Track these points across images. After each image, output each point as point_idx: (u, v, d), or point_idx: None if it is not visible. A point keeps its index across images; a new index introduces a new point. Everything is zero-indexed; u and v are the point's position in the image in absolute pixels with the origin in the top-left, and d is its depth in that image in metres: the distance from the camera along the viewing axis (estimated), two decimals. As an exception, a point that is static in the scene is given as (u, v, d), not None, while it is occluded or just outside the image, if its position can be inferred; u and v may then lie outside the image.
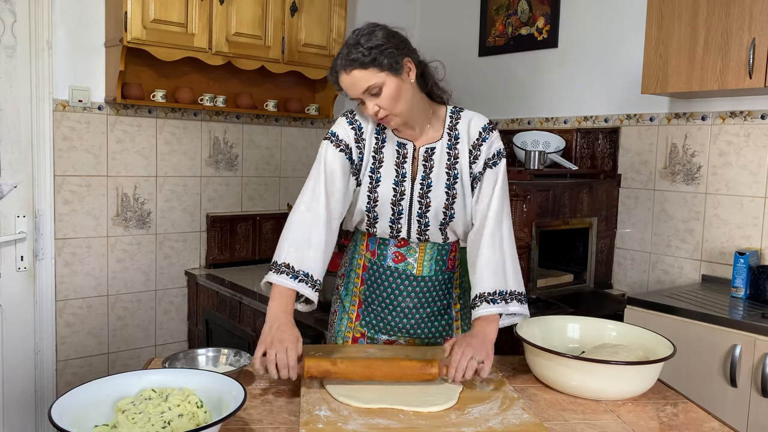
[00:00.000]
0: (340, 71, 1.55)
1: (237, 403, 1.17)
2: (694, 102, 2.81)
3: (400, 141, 1.69)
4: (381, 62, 1.52)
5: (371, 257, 1.76)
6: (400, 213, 1.68)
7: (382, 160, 1.68)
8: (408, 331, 1.77)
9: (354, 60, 1.52)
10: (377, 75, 1.53)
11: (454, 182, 1.67)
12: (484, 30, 3.67)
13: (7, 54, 2.71)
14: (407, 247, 1.72)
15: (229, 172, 3.39)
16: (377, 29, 1.56)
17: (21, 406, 2.86)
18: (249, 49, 3.05)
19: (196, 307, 3.26)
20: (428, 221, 1.68)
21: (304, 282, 1.57)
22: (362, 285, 1.79)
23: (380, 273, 1.75)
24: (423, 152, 1.68)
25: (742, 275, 2.48)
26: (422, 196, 1.67)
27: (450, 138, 1.68)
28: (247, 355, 1.56)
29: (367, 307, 1.79)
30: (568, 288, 2.92)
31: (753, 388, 2.14)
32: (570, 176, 3.01)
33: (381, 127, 1.70)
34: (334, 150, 1.67)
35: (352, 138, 1.68)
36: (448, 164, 1.67)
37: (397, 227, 1.70)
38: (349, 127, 1.69)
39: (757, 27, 2.30)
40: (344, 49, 1.55)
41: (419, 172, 1.68)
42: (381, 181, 1.67)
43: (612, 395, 1.45)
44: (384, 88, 1.54)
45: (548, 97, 3.37)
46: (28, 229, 2.82)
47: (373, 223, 1.71)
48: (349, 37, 1.57)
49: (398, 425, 1.26)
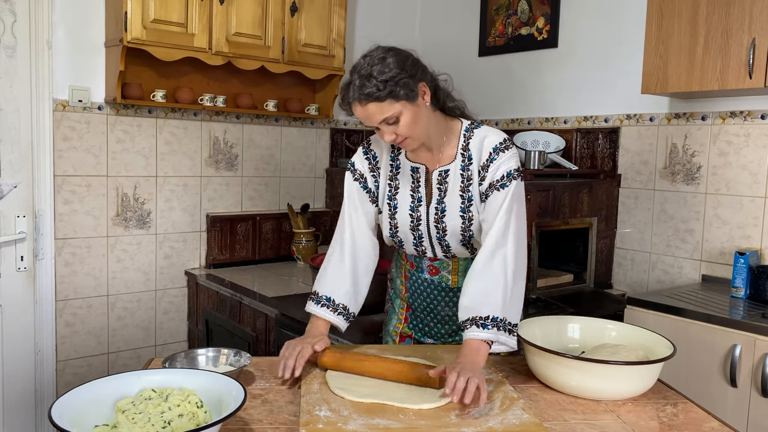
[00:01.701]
0: (353, 102, 1.53)
1: (237, 403, 1.17)
2: (694, 102, 2.81)
3: (413, 166, 1.69)
4: (397, 94, 1.50)
5: (410, 268, 1.81)
6: (421, 237, 1.71)
7: (398, 186, 1.71)
8: (452, 337, 1.81)
9: (369, 95, 1.49)
10: (393, 106, 1.51)
11: (468, 205, 1.65)
12: (484, 30, 3.67)
13: (7, 54, 2.71)
14: (440, 261, 1.75)
15: (229, 172, 3.39)
16: (388, 56, 1.52)
17: (21, 406, 2.86)
18: (249, 49, 3.05)
19: (196, 307, 3.26)
20: (448, 243, 1.69)
21: (326, 306, 1.67)
22: (406, 292, 1.85)
23: (419, 284, 1.80)
24: (437, 176, 1.67)
25: (742, 275, 2.48)
26: (438, 221, 1.67)
27: (463, 158, 1.65)
28: (247, 355, 1.56)
29: (413, 312, 1.86)
30: (568, 288, 2.92)
31: (753, 388, 2.14)
32: (570, 176, 3.01)
33: (395, 153, 1.72)
34: (351, 179, 1.75)
35: (367, 167, 1.73)
36: (462, 187, 1.65)
37: (422, 249, 1.73)
38: (364, 156, 1.75)
39: (757, 27, 2.30)
40: (356, 78, 1.51)
41: (434, 196, 1.68)
42: (398, 207, 1.70)
43: (612, 395, 1.45)
44: (401, 117, 1.53)
45: (548, 97, 3.37)
46: (28, 229, 2.82)
47: (400, 246, 1.77)
48: (360, 66, 1.53)
49: (398, 425, 1.26)
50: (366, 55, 1.55)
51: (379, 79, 1.49)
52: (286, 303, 2.64)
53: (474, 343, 1.50)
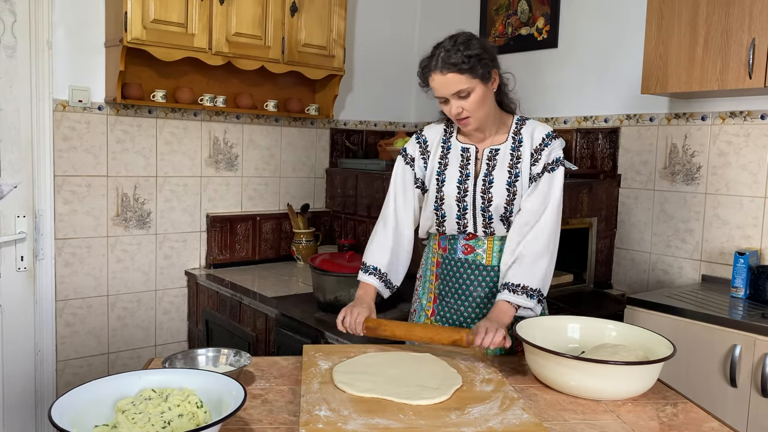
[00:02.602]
0: (434, 70, 1.68)
1: (237, 403, 1.17)
2: (694, 102, 2.81)
3: (463, 146, 1.84)
4: (477, 70, 1.67)
5: (443, 253, 1.90)
6: (465, 209, 1.81)
7: (447, 164, 1.84)
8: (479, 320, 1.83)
9: (453, 64, 1.66)
10: (470, 81, 1.68)
11: (515, 180, 1.78)
12: (484, 30, 3.67)
13: (7, 54, 2.71)
14: (475, 240, 1.84)
15: (229, 172, 3.39)
16: (473, 39, 1.71)
17: (21, 406, 2.86)
18: (249, 49, 3.05)
19: (196, 307, 3.26)
20: (491, 215, 1.80)
21: (373, 275, 1.86)
22: (437, 281, 1.92)
23: (452, 266, 1.88)
24: (487, 153, 1.82)
25: (742, 275, 2.48)
26: (484, 191, 1.79)
27: (514, 141, 1.81)
28: (247, 355, 1.56)
29: (441, 300, 1.91)
30: (568, 288, 2.92)
31: (753, 388, 2.14)
32: (570, 176, 3.00)
33: (447, 136, 1.87)
34: (402, 163, 1.91)
35: (418, 152, 1.89)
36: (510, 164, 1.79)
37: (464, 222, 1.82)
38: (416, 142, 1.91)
39: (757, 27, 2.30)
40: (440, 51, 1.68)
41: (482, 171, 1.81)
42: (446, 181, 1.83)
43: (612, 395, 1.45)
44: (473, 94, 1.69)
45: (548, 97, 3.37)
46: (28, 229, 2.82)
47: (441, 222, 1.85)
48: (445, 42, 1.70)
49: (398, 425, 1.26)
50: (452, 36, 1.72)
51: (464, 53, 1.66)
52: (286, 303, 2.64)
53: (503, 306, 1.71)
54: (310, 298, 2.62)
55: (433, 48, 1.73)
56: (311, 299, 2.60)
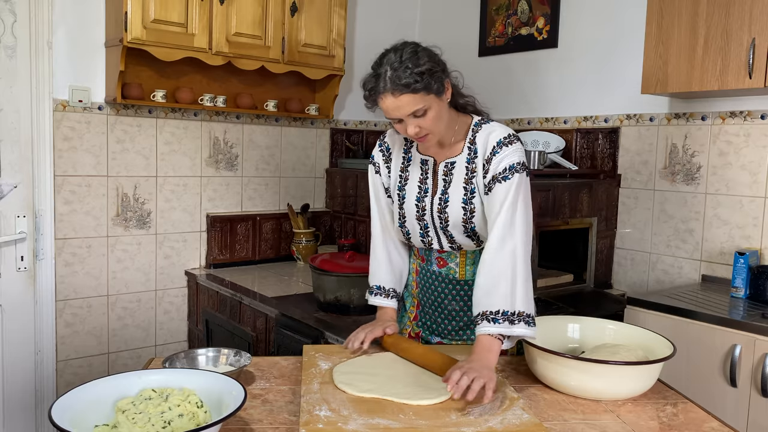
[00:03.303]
0: (383, 92, 1.54)
1: (237, 403, 1.17)
2: (694, 102, 2.81)
3: (423, 158, 1.74)
4: (431, 87, 1.54)
5: (421, 262, 1.84)
6: (426, 227, 1.73)
7: (407, 178, 1.76)
8: (457, 333, 1.80)
9: (406, 85, 1.52)
10: (425, 99, 1.54)
11: (471, 197, 1.67)
12: (484, 30, 3.67)
13: (7, 54, 2.71)
14: (448, 253, 1.76)
15: (229, 172, 3.39)
16: (419, 50, 1.56)
17: (21, 406, 2.86)
18: (249, 49, 3.05)
19: (196, 307, 3.26)
20: (452, 234, 1.70)
21: (379, 295, 1.83)
22: (417, 288, 1.87)
23: (428, 277, 1.82)
24: (443, 167, 1.71)
25: (742, 275, 2.48)
26: (441, 211, 1.69)
27: (470, 152, 1.69)
28: (247, 355, 1.56)
29: (422, 309, 1.87)
30: (568, 288, 2.92)
31: (753, 388, 2.14)
32: (570, 176, 3.01)
33: (408, 146, 1.77)
34: (372, 172, 1.84)
35: (382, 160, 1.81)
36: (465, 179, 1.68)
37: (428, 240, 1.75)
38: (379, 149, 1.83)
39: (757, 27, 2.30)
40: (388, 70, 1.53)
41: (439, 187, 1.71)
42: (406, 198, 1.75)
43: (612, 395, 1.45)
44: (429, 111, 1.56)
45: (548, 97, 3.37)
46: (28, 229, 2.82)
47: (408, 238, 1.79)
48: (390, 58, 1.55)
49: (398, 425, 1.26)
50: (396, 49, 1.57)
51: (414, 70, 1.52)
52: (286, 303, 2.64)
53: (485, 340, 1.51)
54: (310, 298, 2.62)
55: (375, 64, 1.58)
56: (311, 299, 2.60)
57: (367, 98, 1.60)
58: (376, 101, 1.58)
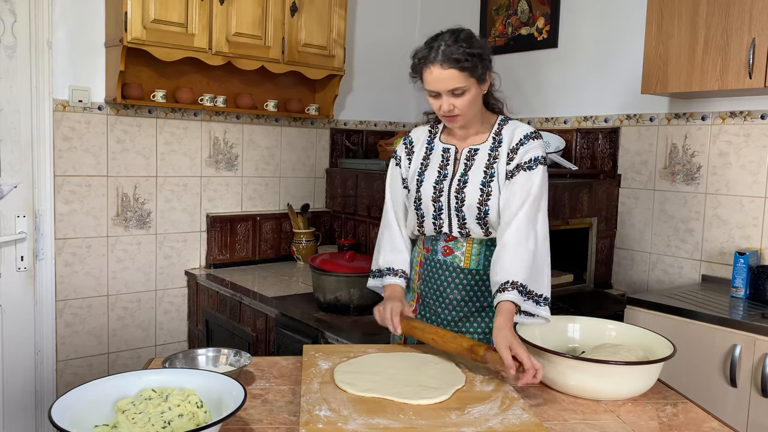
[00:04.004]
0: (433, 62, 1.64)
1: (237, 403, 1.17)
2: (694, 102, 2.81)
3: (445, 146, 1.83)
4: (476, 70, 1.66)
5: (426, 253, 1.88)
6: (440, 209, 1.79)
7: (428, 165, 1.84)
8: (457, 324, 1.82)
9: (456, 60, 1.62)
10: (468, 80, 1.66)
11: (489, 180, 1.74)
12: (484, 30, 3.67)
13: (7, 54, 2.71)
14: (455, 242, 1.81)
15: (229, 172, 3.39)
16: (474, 37, 1.69)
17: (21, 406, 2.86)
18: (249, 49, 3.05)
19: (196, 307, 3.26)
20: (464, 215, 1.75)
21: (389, 275, 1.87)
22: (419, 281, 1.90)
23: (432, 266, 1.85)
24: (466, 152, 1.80)
25: (742, 275, 2.48)
26: (458, 191, 1.76)
27: (494, 141, 1.78)
28: (247, 355, 1.56)
29: (422, 301, 1.90)
30: (568, 288, 2.92)
31: (753, 388, 2.14)
32: (570, 176, 3.01)
33: (431, 137, 1.87)
34: (393, 165, 1.93)
35: (404, 152, 1.91)
36: (486, 164, 1.76)
37: (440, 223, 1.80)
38: (403, 143, 1.93)
39: (757, 27, 2.30)
40: (440, 44, 1.64)
41: (459, 170, 1.79)
42: (424, 181, 1.82)
43: (612, 395, 1.45)
44: (467, 93, 1.67)
45: (548, 97, 3.37)
46: (28, 229, 2.82)
47: (421, 222, 1.84)
48: (445, 35, 1.67)
49: (398, 425, 1.26)
50: (453, 30, 1.69)
51: (467, 50, 1.64)
52: (286, 303, 2.64)
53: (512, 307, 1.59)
54: (310, 298, 2.62)
55: (431, 39, 1.69)
56: (311, 299, 2.60)
57: (414, 67, 1.70)
58: (421, 71, 1.67)
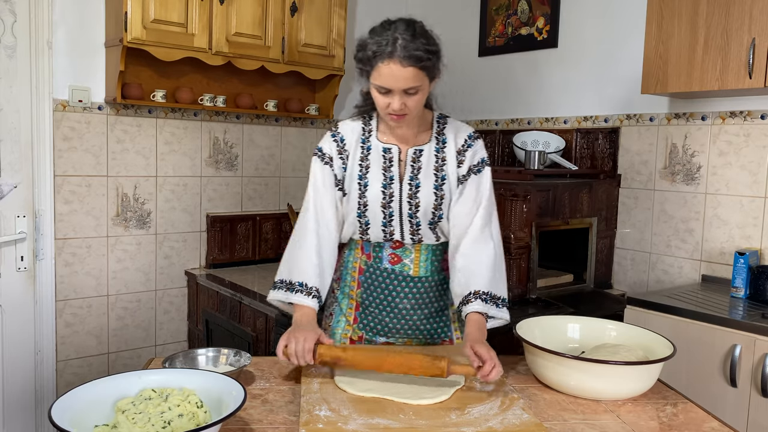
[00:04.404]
0: (392, 59, 1.50)
1: (237, 403, 1.17)
2: (694, 102, 2.81)
3: (385, 146, 1.71)
4: (432, 69, 1.56)
5: (367, 260, 1.77)
6: (391, 215, 1.69)
7: (368, 167, 1.70)
8: (406, 332, 1.77)
9: (418, 58, 1.50)
10: (423, 78, 1.54)
11: (441, 183, 1.69)
12: (484, 30, 3.67)
13: (7, 54, 2.71)
14: (403, 249, 1.73)
15: (229, 172, 3.39)
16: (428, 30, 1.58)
17: (21, 406, 2.86)
18: (249, 49, 3.05)
19: (196, 307, 3.26)
20: (419, 221, 1.69)
21: (301, 292, 1.64)
22: (359, 288, 1.79)
23: (377, 275, 1.75)
24: (411, 154, 1.70)
25: (742, 275, 2.48)
26: (411, 196, 1.68)
27: (438, 142, 1.71)
28: (247, 355, 1.56)
29: (364, 309, 1.79)
30: (568, 288, 2.92)
31: (753, 388, 2.14)
32: (570, 176, 3.01)
33: (366, 135, 1.73)
34: (320, 163, 1.73)
35: (335, 151, 1.72)
36: (435, 166, 1.70)
37: (390, 230, 1.71)
38: (332, 140, 1.74)
39: (757, 27, 2.30)
40: (399, 38, 1.50)
41: (407, 173, 1.69)
42: (369, 185, 1.69)
43: (612, 395, 1.45)
44: (420, 92, 1.56)
45: (548, 97, 3.37)
46: (28, 229, 2.82)
47: (365, 230, 1.72)
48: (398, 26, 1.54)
49: (398, 425, 1.26)
50: (407, 21, 1.56)
51: (427, 47, 1.52)
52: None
53: (481, 318, 1.57)
54: (310, 298, 2.61)
55: (382, 29, 1.55)
56: (311, 299, 2.59)
57: (365, 59, 1.54)
58: (375, 65, 1.52)
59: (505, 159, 3.54)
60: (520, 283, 2.72)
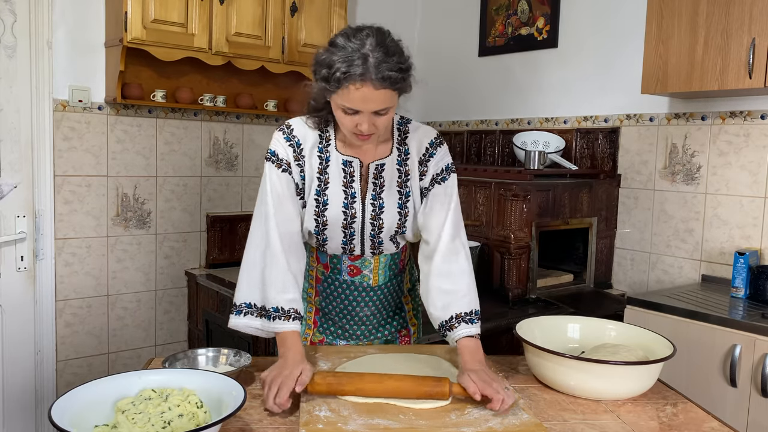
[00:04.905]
0: (363, 80, 1.33)
1: (237, 403, 1.17)
2: (694, 102, 2.81)
3: (345, 159, 1.56)
4: (405, 88, 1.41)
5: (324, 270, 1.70)
6: (352, 235, 1.60)
7: (327, 181, 1.56)
8: (366, 336, 1.77)
9: (392, 80, 1.35)
10: (395, 98, 1.41)
11: (406, 201, 1.59)
12: (484, 30, 3.67)
13: (7, 54, 2.71)
14: (362, 260, 1.66)
15: (229, 172, 3.39)
16: (398, 43, 1.40)
17: (21, 406, 2.86)
18: (249, 49, 3.05)
19: (196, 307, 3.26)
20: (381, 240, 1.62)
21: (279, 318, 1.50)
22: (317, 296, 1.75)
23: (335, 286, 1.71)
24: (372, 169, 1.57)
25: (742, 275, 2.48)
26: (374, 218, 1.58)
27: (400, 153, 1.59)
28: (247, 355, 1.56)
29: (323, 315, 1.77)
30: (568, 288, 2.93)
31: (753, 388, 2.14)
32: (570, 176, 3.01)
33: (324, 144, 1.57)
34: (276, 170, 1.54)
35: (291, 155, 1.55)
36: (399, 182, 1.58)
37: (350, 247, 1.63)
38: (287, 144, 1.55)
39: (757, 27, 2.30)
40: (370, 56, 1.33)
41: (369, 191, 1.58)
42: (329, 204, 1.56)
43: (612, 395, 1.45)
44: (389, 111, 1.42)
45: (548, 97, 3.37)
46: (28, 229, 2.82)
47: (323, 244, 1.63)
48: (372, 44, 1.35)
49: (398, 425, 1.26)
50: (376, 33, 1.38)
51: (401, 65, 1.37)
52: (286, 303, 2.64)
53: (471, 343, 1.48)
54: (310, 298, 2.61)
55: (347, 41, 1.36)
56: (311, 299, 2.59)
57: (332, 78, 1.35)
58: (343, 86, 1.35)
59: (505, 159, 3.54)
60: (520, 283, 2.72)
